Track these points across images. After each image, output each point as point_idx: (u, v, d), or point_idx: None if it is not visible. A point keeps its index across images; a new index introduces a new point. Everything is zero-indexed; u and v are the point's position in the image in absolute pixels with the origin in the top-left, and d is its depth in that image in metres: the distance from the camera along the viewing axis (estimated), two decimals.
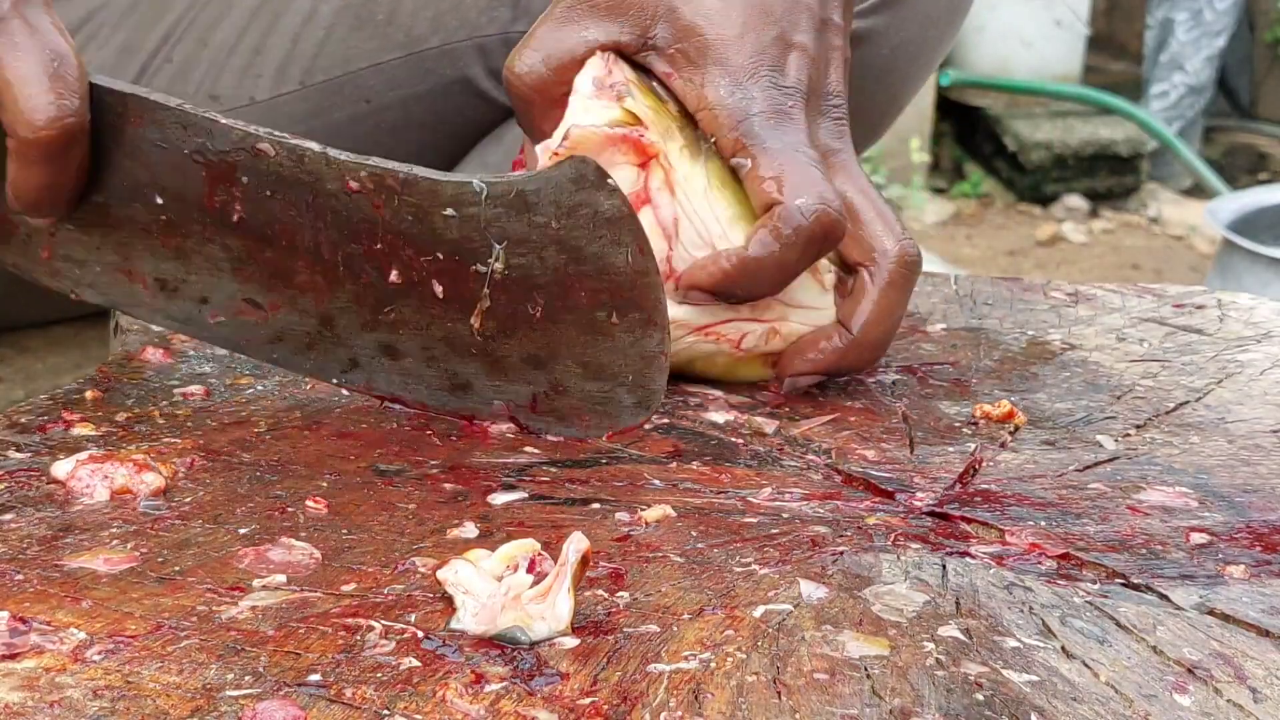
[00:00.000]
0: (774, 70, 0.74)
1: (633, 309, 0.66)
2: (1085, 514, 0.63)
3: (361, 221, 0.67)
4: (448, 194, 0.65)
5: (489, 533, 0.60)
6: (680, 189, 0.74)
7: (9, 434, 0.67)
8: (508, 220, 0.65)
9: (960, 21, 1.12)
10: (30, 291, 0.76)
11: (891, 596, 0.55)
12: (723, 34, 0.74)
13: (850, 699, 0.47)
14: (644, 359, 0.66)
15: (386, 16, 1.05)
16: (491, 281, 0.66)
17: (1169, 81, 4.14)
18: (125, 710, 0.45)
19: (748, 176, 0.73)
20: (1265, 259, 2.24)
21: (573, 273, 0.65)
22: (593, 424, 0.69)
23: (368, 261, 0.68)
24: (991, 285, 0.97)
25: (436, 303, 0.67)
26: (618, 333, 0.66)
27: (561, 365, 0.68)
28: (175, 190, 0.69)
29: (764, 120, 0.73)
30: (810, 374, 0.77)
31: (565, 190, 0.64)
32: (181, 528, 0.59)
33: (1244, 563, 0.58)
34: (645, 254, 0.65)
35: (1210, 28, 4.11)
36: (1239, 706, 0.48)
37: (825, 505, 0.64)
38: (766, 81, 0.74)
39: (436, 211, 0.66)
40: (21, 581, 0.53)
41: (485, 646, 0.50)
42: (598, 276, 0.65)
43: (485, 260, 0.66)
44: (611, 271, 0.65)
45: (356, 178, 0.66)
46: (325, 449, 0.68)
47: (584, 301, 0.66)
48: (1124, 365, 0.83)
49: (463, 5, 1.05)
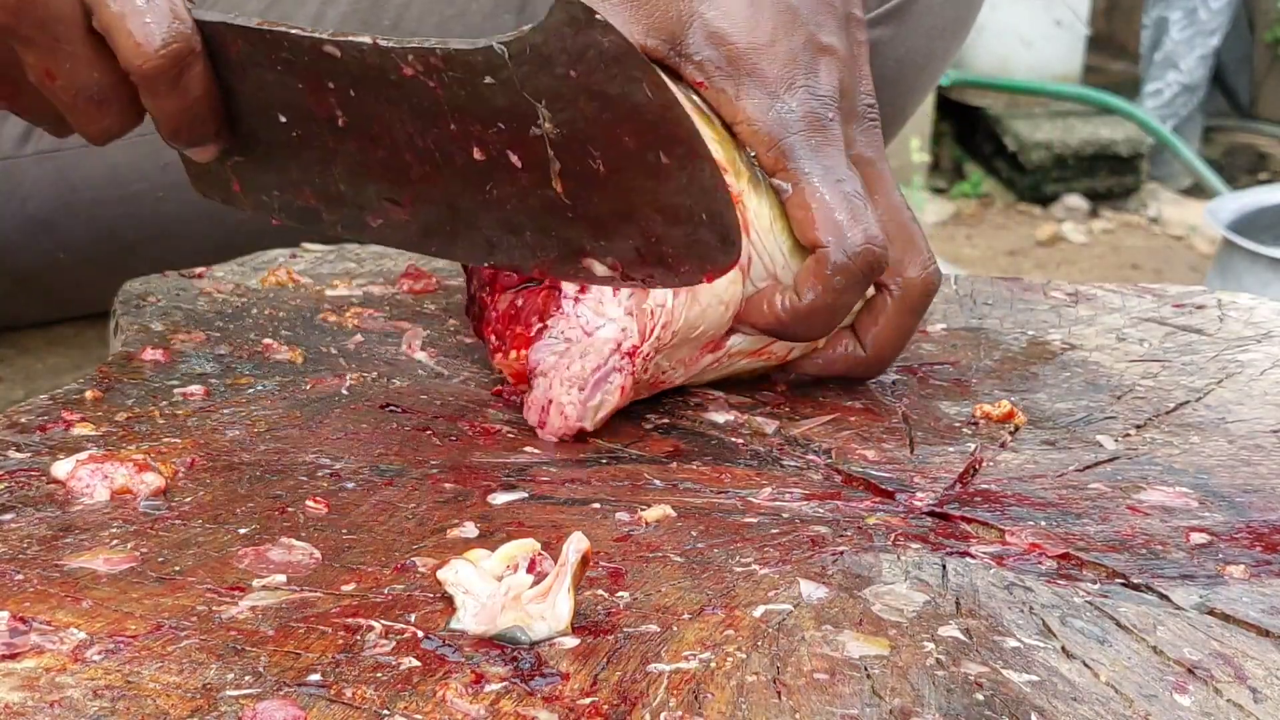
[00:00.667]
0: (809, 78, 0.74)
1: (674, 144, 0.65)
2: (1085, 514, 0.63)
3: (430, 105, 0.68)
4: (479, 62, 0.66)
5: (489, 533, 0.60)
6: (753, 227, 0.73)
7: (9, 434, 0.67)
8: (537, 77, 0.65)
9: (965, 33, 1.12)
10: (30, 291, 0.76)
11: (891, 596, 0.55)
12: (754, 41, 0.73)
13: (850, 699, 0.47)
14: (704, 192, 0.65)
15: (392, 22, 1.05)
16: (551, 143, 0.66)
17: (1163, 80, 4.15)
18: (125, 710, 0.45)
19: (789, 204, 0.73)
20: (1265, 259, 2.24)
21: (609, 119, 0.65)
22: (695, 269, 0.67)
23: (452, 144, 0.69)
24: (991, 285, 0.97)
25: (519, 173, 0.68)
26: (672, 171, 0.65)
27: (644, 215, 0.67)
28: (288, 105, 0.72)
29: (803, 139, 0.73)
30: (817, 376, 0.78)
31: (565, 36, 0.64)
32: (181, 528, 0.59)
33: (1244, 563, 0.58)
34: (661, 86, 0.64)
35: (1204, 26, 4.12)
36: (1239, 706, 0.48)
37: (825, 505, 0.64)
38: (803, 93, 0.73)
39: (480, 81, 0.66)
40: (21, 581, 0.53)
41: (485, 646, 0.50)
42: (631, 118, 0.65)
43: (537, 122, 0.66)
44: (640, 110, 0.64)
45: (406, 61, 0.67)
46: (325, 449, 0.68)
47: (632, 146, 0.65)
48: (1124, 365, 0.83)
49: (468, 11, 1.05)
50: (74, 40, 0.69)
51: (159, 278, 0.90)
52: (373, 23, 1.08)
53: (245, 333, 0.82)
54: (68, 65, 0.70)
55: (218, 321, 0.84)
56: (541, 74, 0.65)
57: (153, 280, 0.90)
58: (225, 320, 0.84)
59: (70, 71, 0.70)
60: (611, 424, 0.72)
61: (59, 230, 1.03)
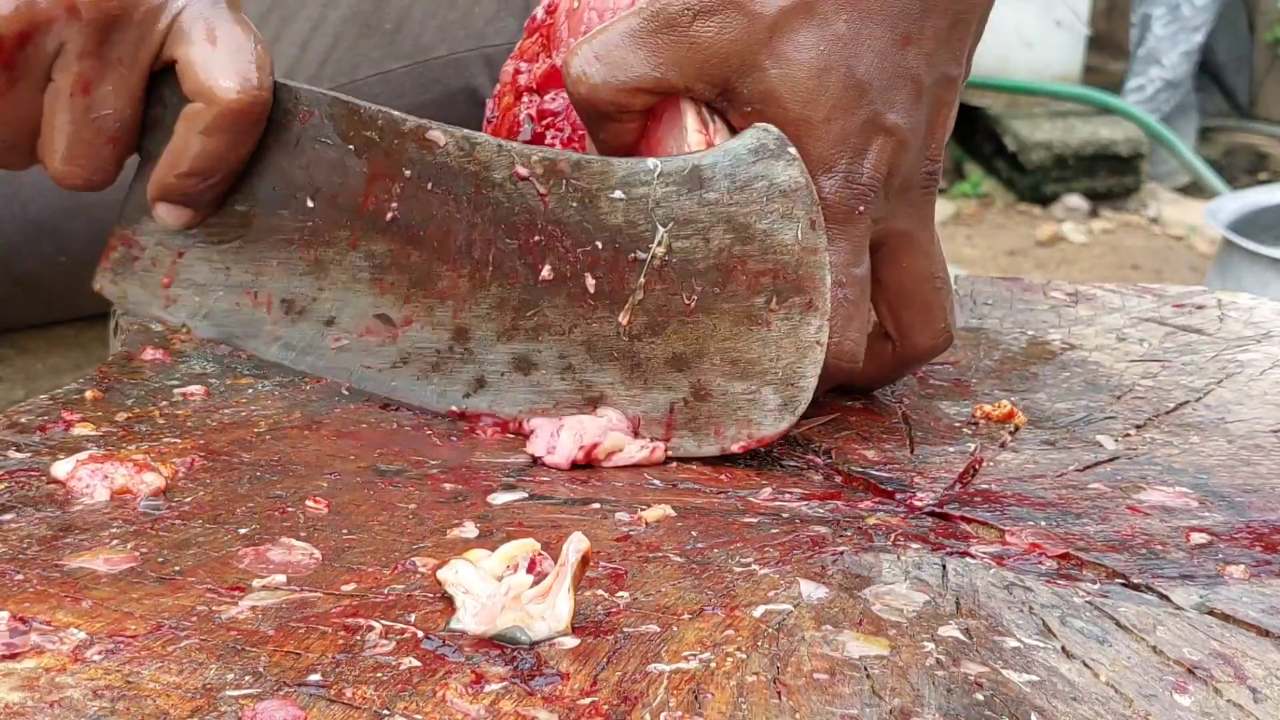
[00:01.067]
0: (853, 162, 0.68)
1: (794, 292, 0.63)
2: (1085, 514, 0.63)
3: (521, 213, 0.66)
4: (619, 174, 0.65)
5: (489, 533, 0.60)
6: None
7: (9, 434, 0.67)
8: (677, 199, 0.63)
9: None
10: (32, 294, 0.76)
11: (891, 596, 0.55)
12: (807, 115, 0.67)
13: (850, 699, 0.47)
14: (799, 349, 0.63)
15: (394, 25, 1.05)
16: (649, 270, 0.64)
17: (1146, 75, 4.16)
18: (125, 710, 0.45)
19: None
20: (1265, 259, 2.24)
21: (737, 254, 0.63)
22: (730, 435, 0.65)
23: (520, 258, 0.67)
24: (991, 285, 0.97)
25: (586, 299, 0.66)
26: (775, 320, 0.63)
27: (708, 363, 0.65)
28: (330, 190, 0.70)
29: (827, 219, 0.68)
30: None
31: (743, 162, 0.62)
32: (181, 528, 0.59)
33: (1244, 563, 0.58)
34: (816, 228, 0.62)
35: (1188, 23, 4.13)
36: (1239, 706, 0.48)
37: (825, 505, 0.64)
38: (840, 178, 0.67)
39: (604, 194, 0.65)
40: (21, 581, 0.53)
41: (485, 646, 0.50)
42: (762, 256, 0.63)
43: (646, 246, 0.64)
44: (778, 249, 0.63)
45: (527, 163, 0.66)
46: (325, 449, 0.68)
47: (744, 286, 0.64)
48: (1124, 365, 0.83)
49: (470, 16, 1.05)
50: (137, 66, 0.70)
51: None
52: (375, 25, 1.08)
53: None
54: (109, 88, 0.69)
55: None
56: (686, 197, 0.63)
57: None
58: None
59: (106, 95, 0.70)
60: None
61: (60, 233, 1.03)
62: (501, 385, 0.69)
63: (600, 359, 0.67)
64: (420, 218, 0.68)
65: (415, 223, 0.69)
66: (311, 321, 0.71)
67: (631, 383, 0.66)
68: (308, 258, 0.71)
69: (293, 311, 0.72)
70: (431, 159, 0.67)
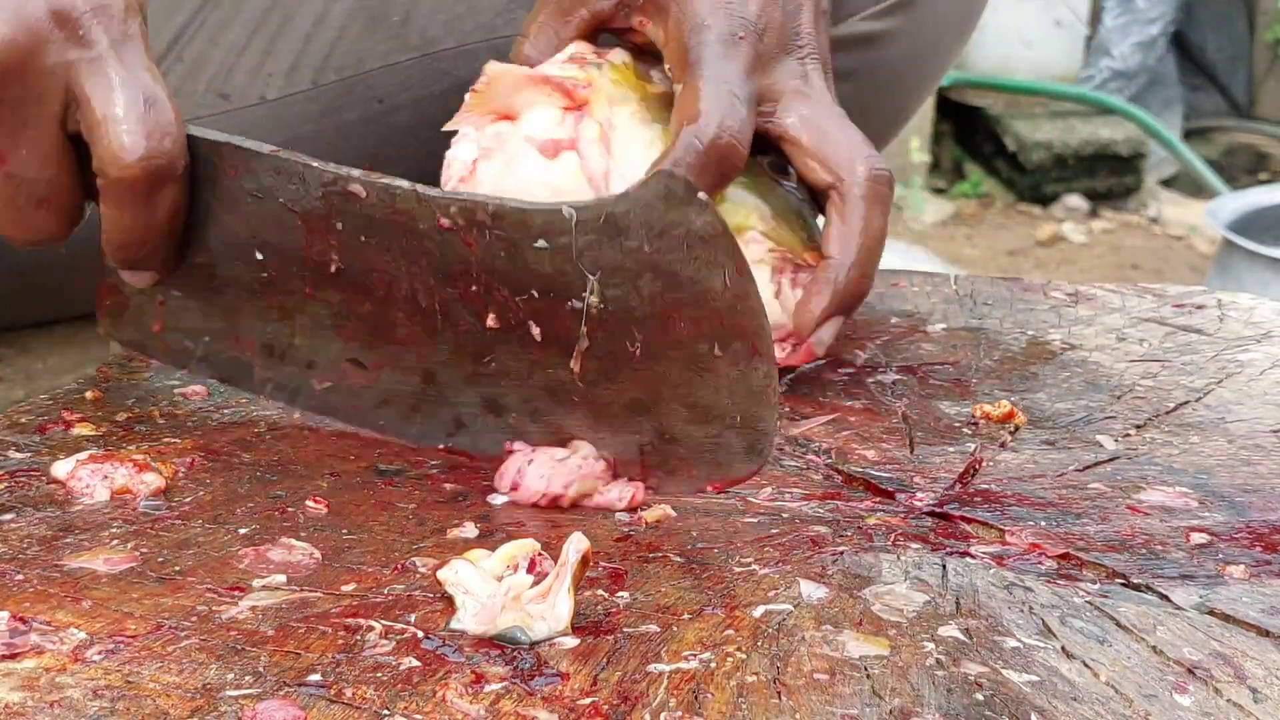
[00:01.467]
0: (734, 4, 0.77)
1: (734, 338, 0.61)
2: (1085, 514, 0.63)
3: (455, 262, 0.65)
4: (537, 223, 0.63)
5: (489, 533, 0.60)
6: (618, 145, 0.76)
7: (9, 434, 0.67)
8: (600, 248, 0.62)
9: (973, 26, 1.12)
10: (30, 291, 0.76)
11: (891, 596, 0.55)
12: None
13: (850, 699, 0.47)
14: (750, 395, 0.62)
15: (401, 18, 1.05)
16: (588, 318, 0.63)
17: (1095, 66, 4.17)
18: (125, 710, 0.45)
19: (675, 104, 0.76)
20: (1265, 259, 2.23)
21: (669, 301, 0.62)
22: (701, 475, 0.64)
23: (464, 306, 0.65)
24: (991, 285, 0.97)
25: (535, 346, 0.65)
26: (721, 366, 0.62)
27: (666, 408, 0.64)
28: (274, 244, 0.68)
29: (713, 45, 0.76)
30: (822, 321, 0.77)
31: (655, 209, 0.61)
32: (181, 528, 0.59)
33: (1244, 563, 0.58)
34: (743, 275, 0.61)
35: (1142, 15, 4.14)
36: (1239, 706, 0.48)
37: (825, 505, 0.64)
38: (724, 12, 0.77)
39: (528, 244, 0.63)
40: (21, 581, 0.53)
41: (485, 646, 0.50)
42: (695, 304, 0.61)
43: (580, 295, 0.63)
44: (709, 297, 0.61)
45: (447, 213, 0.64)
46: (325, 449, 0.68)
47: (684, 333, 0.62)
48: (1124, 365, 0.83)
49: (478, 7, 1.05)
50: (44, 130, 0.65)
51: None
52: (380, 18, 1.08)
53: None
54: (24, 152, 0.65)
55: None
56: (608, 245, 0.62)
57: None
58: None
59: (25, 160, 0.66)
60: None
61: None
62: (477, 427, 0.68)
63: (563, 403, 0.65)
64: (362, 269, 0.67)
65: (359, 273, 0.67)
66: (294, 365, 0.70)
67: (599, 426, 0.65)
68: (272, 305, 0.69)
69: (274, 355, 0.70)
70: (358, 210, 0.65)
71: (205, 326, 0.71)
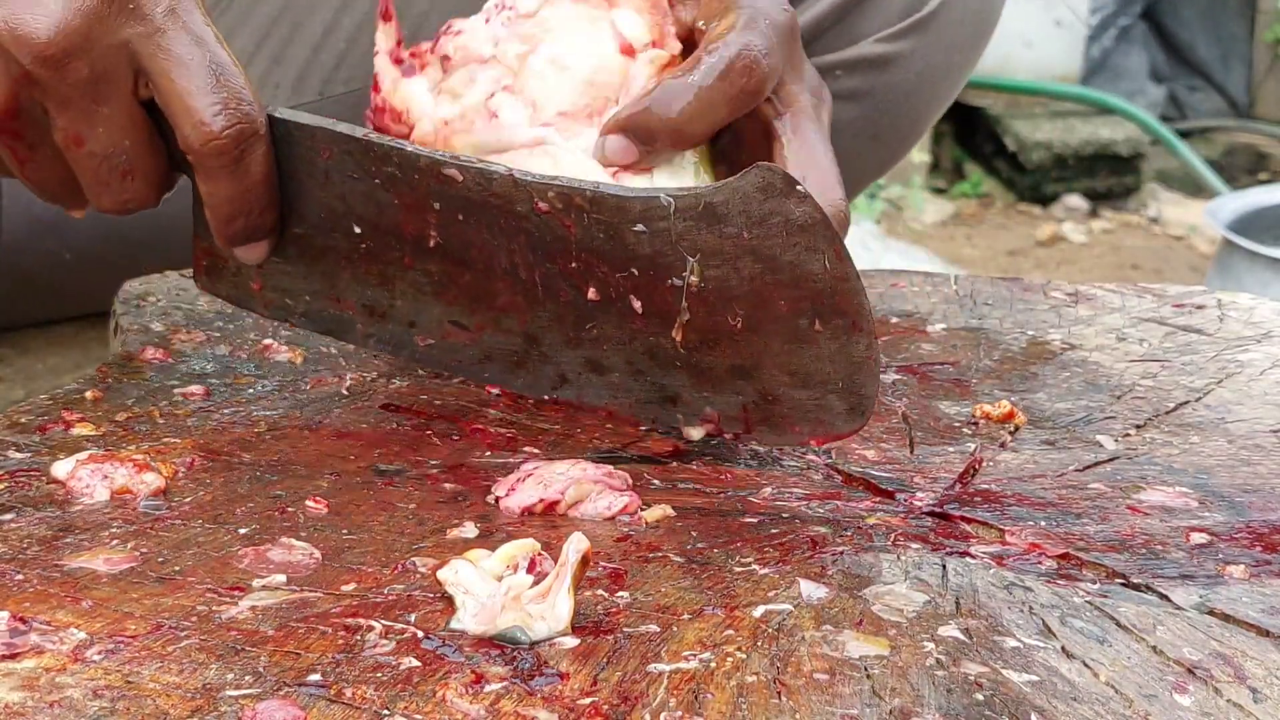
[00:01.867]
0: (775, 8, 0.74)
1: (835, 315, 0.63)
2: (1085, 514, 0.63)
3: (554, 241, 0.66)
4: (636, 210, 0.64)
5: (489, 533, 0.60)
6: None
7: (9, 434, 0.67)
8: (699, 233, 0.63)
9: (984, 45, 1.12)
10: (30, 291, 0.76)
11: (891, 596, 0.55)
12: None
13: (850, 699, 0.47)
14: (852, 364, 0.64)
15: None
16: (688, 294, 0.65)
17: None
18: (125, 710, 0.45)
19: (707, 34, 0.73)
20: (1265, 259, 2.23)
21: (770, 282, 0.63)
22: (805, 432, 0.66)
23: (564, 280, 0.67)
24: (991, 285, 0.97)
25: (636, 318, 0.67)
26: (822, 339, 0.64)
27: (768, 374, 0.65)
28: (371, 219, 0.70)
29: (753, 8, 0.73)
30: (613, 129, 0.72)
31: (753, 200, 0.62)
32: (181, 528, 0.59)
33: (1244, 563, 0.58)
34: (843, 259, 0.62)
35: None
36: (1239, 706, 0.48)
37: (825, 505, 0.64)
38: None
39: (627, 228, 0.65)
40: (21, 581, 0.53)
41: (485, 646, 0.50)
42: (795, 285, 0.63)
43: (680, 274, 0.64)
44: (809, 279, 0.63)
45: (544, 198, 0.66)
46: (325, 449, 0.68)
47: (784, 310, 0.64)
48: (1124, 365, 0.83)
49: None
50: (117, 105, 0.67)
51: (159, 278, 0.90)
52: None
53: (245, 333, 0.82)
54: (101, 130, 0.67)
55: (218, 321, 0.84)
56: (706, 231, 0.63)
57: (153, 280, 0.90)
58: (225, 320, 0.84)
59: (103, 137, 0.67)
60: (612, 424, 0.72)
61: (64, 231, 1.03)
62: (582, 382, 0.70)
63: (665, 366, 0.67)
64: (461, 243, 0.69)
65: (458, 247, 0.69)
66: (395, 323, 0.73)
67: (700, 386, 0.67)
68: (372, 272, 0.72)
69: (375, 315, 0.73)
70: (454, 193, 0.67)
71: (305, 287, 0.73)
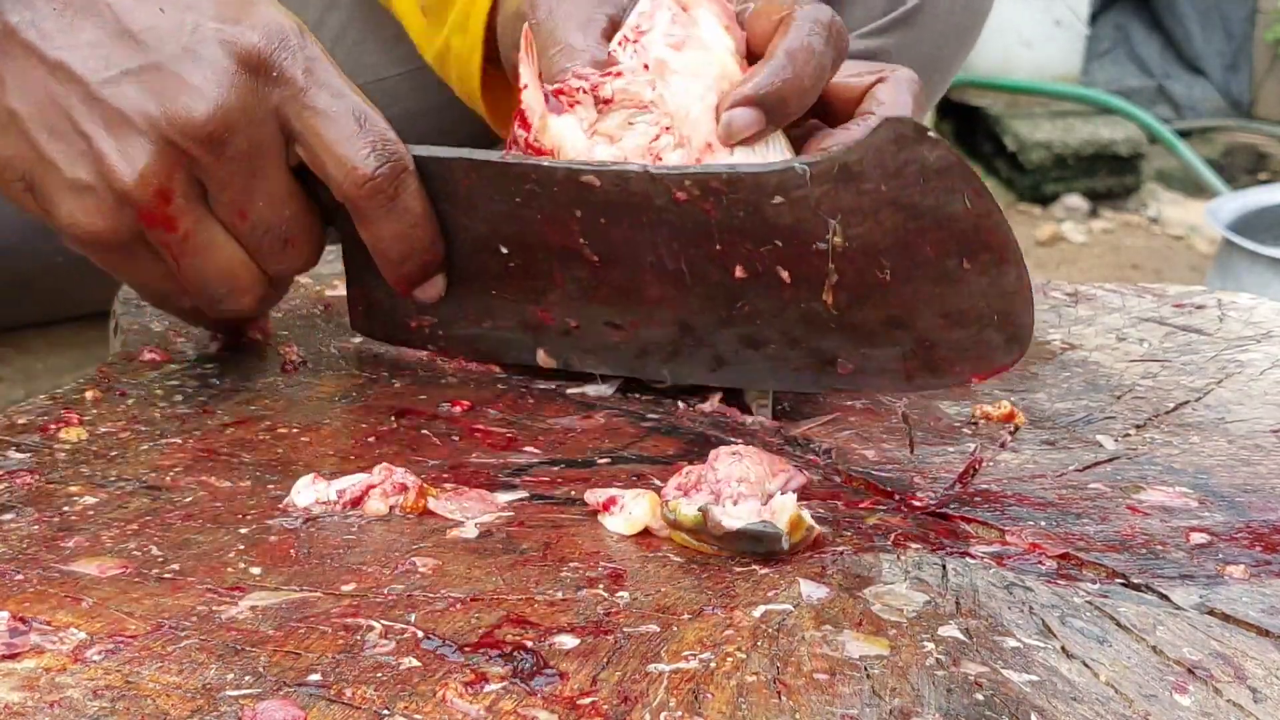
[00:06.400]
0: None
1: (983, 251, 0.64)
2: (1085, 514, 0.63)
3: (696, 227, 0.68)
4: (772, 183, 0.65)
5: (489, 532, 0.60)
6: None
7: (9, 434, 0.67)
8: (837, 195, 0.64)
9: (974, 40, 1.12)
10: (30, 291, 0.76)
11: (891, 596, 0.55)
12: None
13: (850, 699, 0.47)
14: (1005, 296, 0.65)
15: (395, 33, 1.05)
16: (834, 255, 0.66)
17: None
18: (125, 710, 0.45)
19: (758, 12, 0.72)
20: (1265, 259, 2.24)
21: (913, 229, 0.64)
22: (965, 370, 0.67)
23: (711, 263, 0.69)
24: None
25: (785, 287, 0.68)
26: (972, 277, 0.65)
27: (922, 320, 0.67)
28: (517, 237, 0.72)
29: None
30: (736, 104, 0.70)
31: (888, 153, 0.63)
32: (181, 528, 0.59)
33: (1244, 563, 0.58)
34: (982, 195, 0.63)
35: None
36: (1239, 706, 0.48)
37: (825, 505, 0.64)
38: None
39: (765, 202, 0.66)
40: (21, 581, 0.53)
41: (485, 646, 0.50)
42: (939, 228, 0.64)
43: (823, 237, 0.65)
44: (952, 220, 0.64)
45: (681, 186, 0.67)
46: (325, 449, 0.68)
47: (931, 254, 0.65)
48: (1124, 365, 0.83)
49: None
50: (274, 174, 0.69)
51: None
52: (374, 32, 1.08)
53: (245, 333, 0.82)
54: (262, 203, 0.69)
55: None
56: (844, 191, 0.64)
57: None
58: None
59: (264, 210, 0.69)
60: (611, 424, 0.72)
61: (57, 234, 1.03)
62: (740, 360, 0.72)
63: (821, 330, 0.69)
64: (606, 245, 0.70)
65: (604, 250, 0.71)
66: (554, 333, 0.75)
67: (858, 343, 0.68)
68: (524, 288, 0.74)
69: (530, 329, 0.75)
70: (595, 199, 0.69)
71: (460, 314, 0.76)
